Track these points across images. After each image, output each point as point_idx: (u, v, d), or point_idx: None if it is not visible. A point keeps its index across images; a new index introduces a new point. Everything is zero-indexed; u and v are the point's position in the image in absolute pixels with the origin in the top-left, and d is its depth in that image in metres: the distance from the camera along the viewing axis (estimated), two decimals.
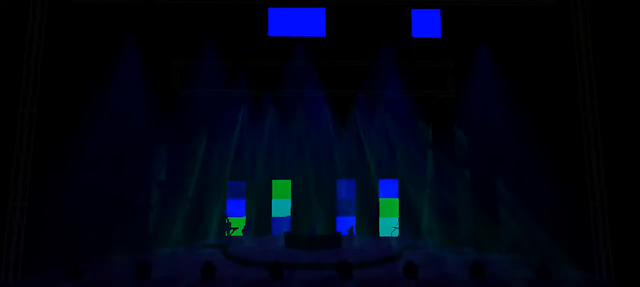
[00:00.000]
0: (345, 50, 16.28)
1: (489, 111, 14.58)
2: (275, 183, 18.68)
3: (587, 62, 11.39)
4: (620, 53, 11.17)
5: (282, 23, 15.67)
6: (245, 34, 15.70)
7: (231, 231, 17.71)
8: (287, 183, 18.68)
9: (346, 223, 17.86)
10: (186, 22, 14.89)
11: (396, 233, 17.81)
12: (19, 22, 11.27)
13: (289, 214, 18.47)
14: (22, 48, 11.15)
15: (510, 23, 13.97)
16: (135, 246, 14.48)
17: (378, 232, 18.11)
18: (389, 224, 18.13)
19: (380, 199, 18.39)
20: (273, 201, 18.63)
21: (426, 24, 15.11)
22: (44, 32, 11.32)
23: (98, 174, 13.32)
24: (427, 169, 17.56)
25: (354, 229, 17.98)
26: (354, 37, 15.73)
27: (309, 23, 15.67)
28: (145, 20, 14.39)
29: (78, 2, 12.65)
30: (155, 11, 14.12)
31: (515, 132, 13.79)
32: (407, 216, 17.86)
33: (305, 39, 16.02)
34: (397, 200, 18.32)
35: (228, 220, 17.94)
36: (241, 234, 17.35)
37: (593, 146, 11.14)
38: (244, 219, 18.24)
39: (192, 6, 14.02)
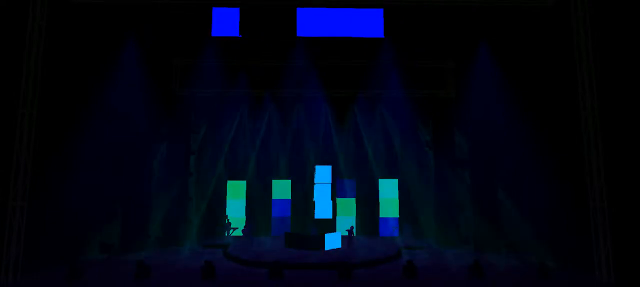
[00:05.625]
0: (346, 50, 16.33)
1: (489, 111, 14.58)
2: (276, 183, 18.68)
3: (587, 62, 11.38)
4: (620, 53, 11.16)
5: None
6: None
7: (231, 230, 17.71)
8: (287, 183, 18.68)
9: (346, 223, 17.84)
10: (186, 22, 14.90)
11: (396, 233, 17.82)
12: (19, 22, 11.27)
13: (289, 213, 18.48)
14: (22, 48, 11.15)
15: (510, 23, 13.97)
16: (135, 245, 14.49)
17: (378, 232, 18.13)
18: (389, 224, 18.15)
19: (381, 199, 18.41)
20: (273, 200, 18.63)
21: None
22: (44, 32, 11.32)
23: (98, 174, 13.32)
24: (427, 169, 17.56)
25: (354, 229, 17.98)
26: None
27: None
28: (145, 20, 14.38)
29: (78, 2, 12.64)
30: (155, 11, 14.12)
31: (516, 132, 13.79)
32: (407, 215, 17.88)
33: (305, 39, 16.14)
34: (397, 200, 18.34)
35: (228, 220, 17.93)
36: (241, 234, 17.34)
37: (593, 146, 11.13)
38: (244, 219, 18.23)
39: (192, 6, 14.02)
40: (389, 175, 18.47)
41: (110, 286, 10.45)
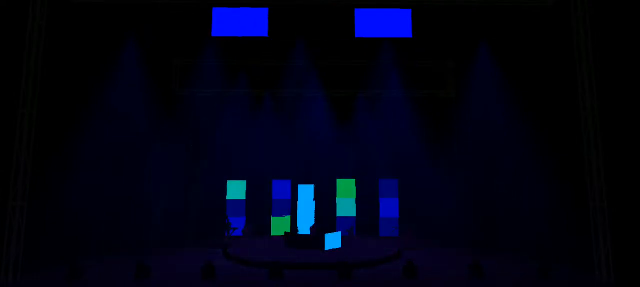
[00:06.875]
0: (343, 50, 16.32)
1: (489, 111, 14.61)
2: (276, 183, 18.69)
3: (587, 62, 11.38)
4: (620, 53, 11.17)
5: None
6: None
7: (231, 230, 17.72)
8: (287, 183, 18.69)
9: (346, 223, 17.86)
10: (186, 22, 14.88)
11: (396, 233, 17.81)
12: (19, 22, 11.27)
13: (288, 213, 18.50)
14: (22, 48, 11.14)
15: (510, 23, 13.98)
16: (135, 246, 14.50)
17: (378, 232, 18.13)
18: (389, 224, 18.16)
19: (381, 200, 18.42)
20: (273, 200, 18.64)
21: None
22: (44, 32, 11.31)
23: (98, 174, 13.34)
24: (427, 169, 17.56)
25: (354, 229, 17.98)
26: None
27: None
28: (145, 20, 14.40)
29: (78, 2, 12.65)
30: (155, 11, 14.12)
31: (515, 132, 13.81)
32: (407, 215, 17.88)
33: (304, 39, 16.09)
34: (396, 200, 18.34)
35: (228, 220, 17.94)
36: (241, 234, 17.35)
37: (593, 146, 11.13)
38: (244, 218, 18.24)
39: (192, 6, 14.02)
40: (389, 175, 18.47)
41: (110, 286, 10.45)
